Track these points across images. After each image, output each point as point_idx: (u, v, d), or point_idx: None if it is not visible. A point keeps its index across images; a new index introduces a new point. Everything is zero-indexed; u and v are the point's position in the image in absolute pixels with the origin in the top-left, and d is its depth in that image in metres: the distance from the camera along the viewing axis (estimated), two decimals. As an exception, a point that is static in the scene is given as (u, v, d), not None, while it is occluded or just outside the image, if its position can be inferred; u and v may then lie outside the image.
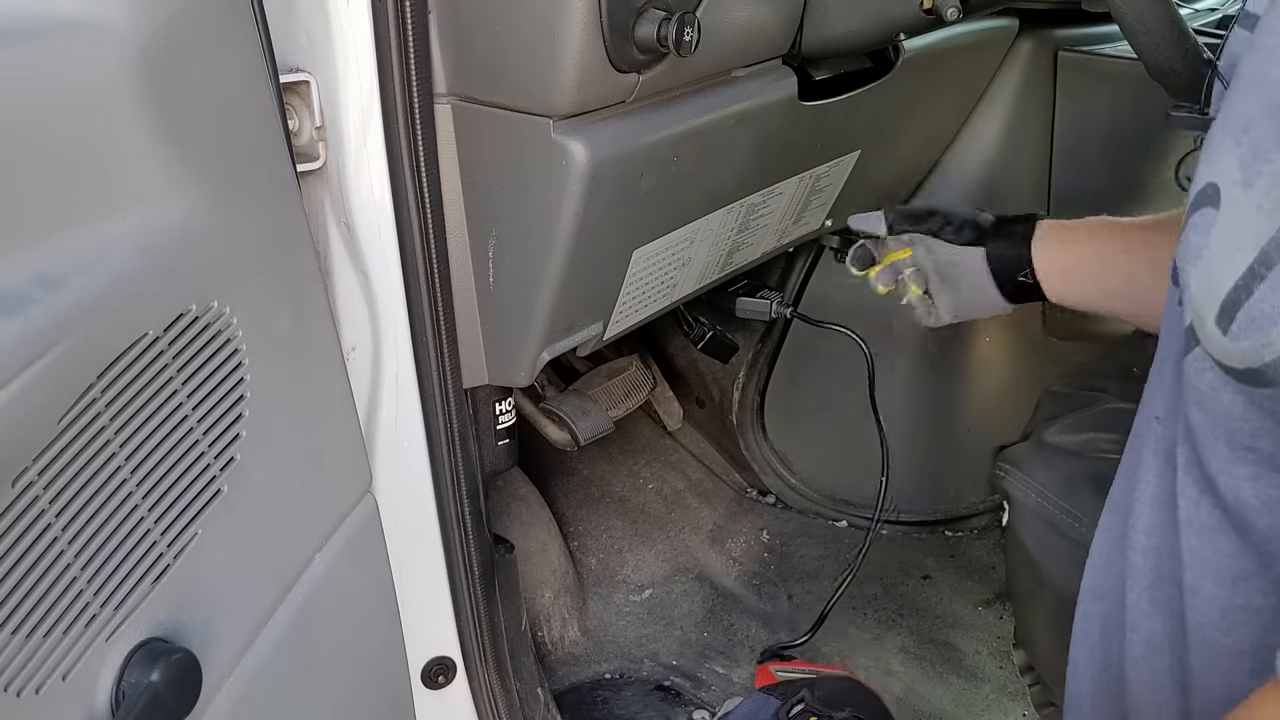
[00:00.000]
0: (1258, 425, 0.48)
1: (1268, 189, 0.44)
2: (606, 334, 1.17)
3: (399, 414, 1.02)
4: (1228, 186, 0.48)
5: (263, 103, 0.78)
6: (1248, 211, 0.45)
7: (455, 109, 0.93)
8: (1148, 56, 1.09)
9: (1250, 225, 0.44)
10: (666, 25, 0.86)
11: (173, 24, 0.67)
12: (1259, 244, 0.43)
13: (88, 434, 0.61)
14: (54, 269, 0.59)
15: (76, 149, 0.62)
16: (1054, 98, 1.54)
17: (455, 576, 1.10)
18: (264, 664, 0.83)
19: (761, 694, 0.76)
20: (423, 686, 1.13)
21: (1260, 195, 0.44)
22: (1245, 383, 0.47)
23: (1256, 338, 0.44)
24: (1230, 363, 0.47)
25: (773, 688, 0.76)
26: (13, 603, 0.58)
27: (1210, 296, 0.47)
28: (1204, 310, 0.48)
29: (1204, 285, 0.48)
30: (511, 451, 1.44)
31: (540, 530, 1.62)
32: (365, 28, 0.87)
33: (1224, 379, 0.48)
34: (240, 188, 0.76)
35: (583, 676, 1.56)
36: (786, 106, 1.13)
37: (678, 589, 1.73)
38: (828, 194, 1.39)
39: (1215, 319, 0.47)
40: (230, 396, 0.74)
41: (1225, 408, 0.49)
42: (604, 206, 0.96)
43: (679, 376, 1.92)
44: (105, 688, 0.66)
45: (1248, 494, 0.51)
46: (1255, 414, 0.48)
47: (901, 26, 1.15)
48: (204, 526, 0.73)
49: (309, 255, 0.86)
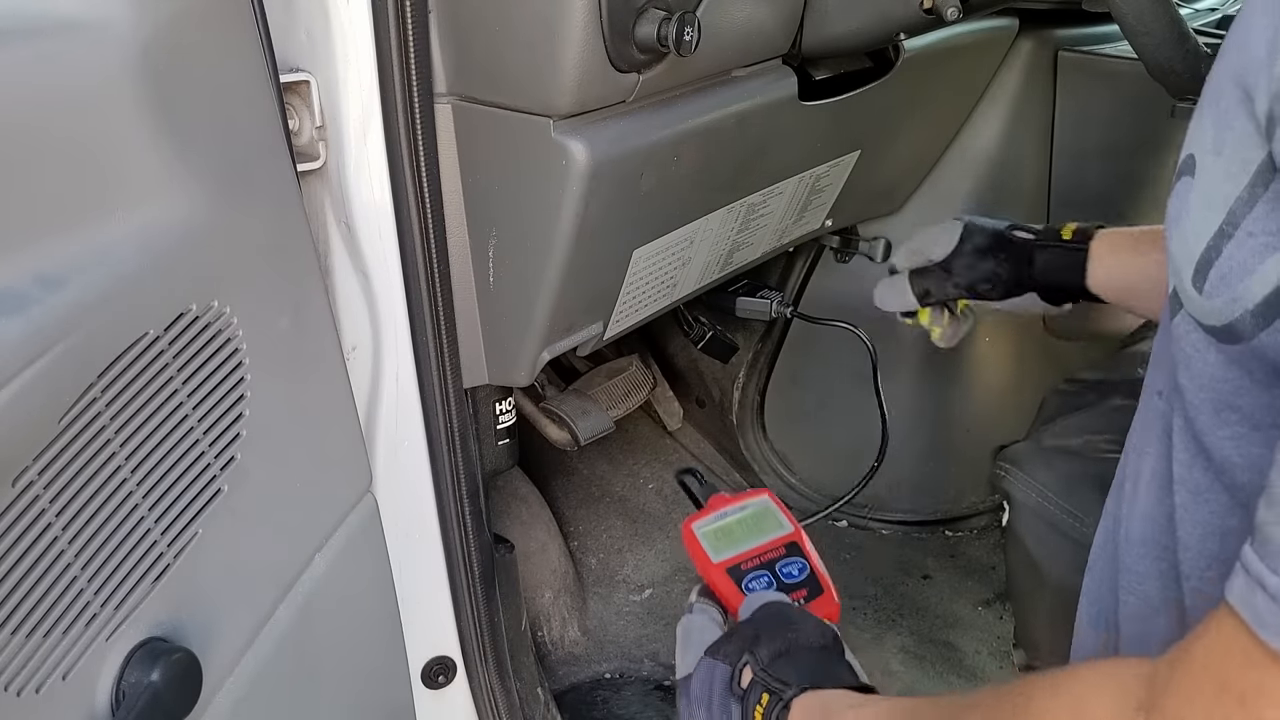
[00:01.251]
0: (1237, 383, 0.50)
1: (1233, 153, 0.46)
2: (606, 334, 1.17)
3: (399, 414, 1.01)
4: (1202, 155, 0.50)
5: (263, 102, 0.78)
6: (1217, 177, 0.47)
7: (455, 109, 0.93)
8: (1148, 56, 1.09)
9: (1220, 189, 0.46)
10: (666, 25, 0.86)
11: (173, 24, 0.68)
12: (1227, 205, 0.46)
13: (88, 433, 0.61)
14: (54, 269, 0.59)
15: (77, 149, 0.62)
16: (1054, 98, 1.54)
17: (455, 576, 1.10)
18: (264, 664, 0.83)
19: (708, 659, 0.73)
20: (423, 686, 1.13)
21: (1227, 160, 0.47)
22: (1222, 340, 0.48)
23: (1226, 294, 0.46)
24: (1208, 321, 0.49)
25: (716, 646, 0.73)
26: (13, 602, 0.58)
27: (1187, 258, 0.49)
28: (1183, 271, 0.50)
29: (1182, 248, 0.50)
30: (511, 451, 1.44)
31: (540, 530, 1.62)
32: (365, 27, 0.87)
33: (1206, 340, 0.50)
34: (240, 187, 0.76)
35: (583, 676, 1.56)
36: (786, 106, 1.13)
37: (678, 589, 1.73)
38: (828, 194, 1.39)
39: (1192, 279, 0.49)
40: (230, 396, 0.74)
41: (1209, 368, 0.51)
42: (604, 206, 0.96)
43: (679, 376, 1.92)
44: (105, 687, 0.66)
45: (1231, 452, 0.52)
46: (1235, 372, 0.50)
47: (901, 26, 1.15)
48: (204, 526, 0.73)
49: (309, 255, 0.86)
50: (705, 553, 0.86)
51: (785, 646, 0.70)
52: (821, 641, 0.71)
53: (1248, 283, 0.45)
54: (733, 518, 0.90)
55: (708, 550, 0.86)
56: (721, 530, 0.89)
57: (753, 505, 0.91)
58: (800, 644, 0.70)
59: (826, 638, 0.72)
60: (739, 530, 0.89)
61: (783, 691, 0.67)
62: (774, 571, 0.85)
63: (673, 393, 1.93)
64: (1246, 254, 0.45)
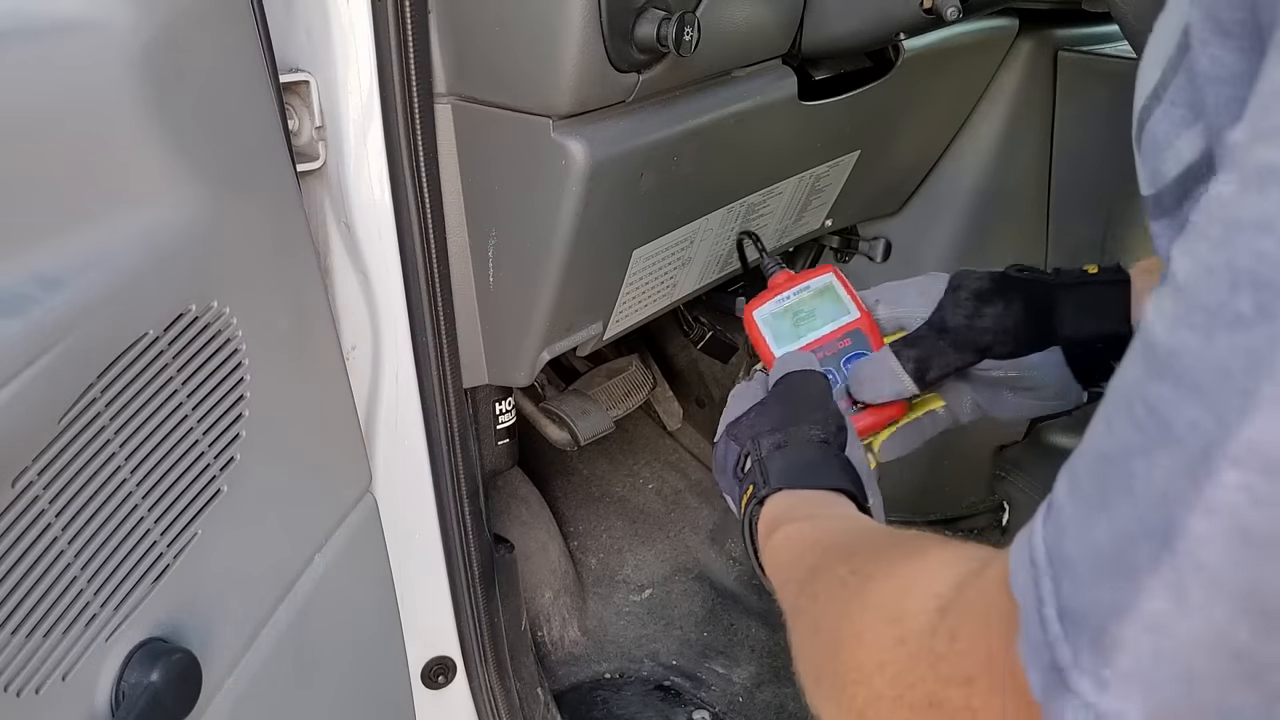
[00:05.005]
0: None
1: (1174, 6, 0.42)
2: (606, 334, 1.17)
3: (399, 414, 1.01)
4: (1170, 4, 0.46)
5: (263, 102, 0.78)
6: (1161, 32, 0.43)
7: (455, 109, 0.93)
8: (1148, 56, 1.09)
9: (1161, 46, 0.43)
10: (666, 25, 0.86)
11: (173, 24, 0.68)
12: (1160, 66, 0.42)
13: (88, 434, 0.61)
14: (54, 269, 0.59)
15: (77, 149, 0.62)
16: (1054, 98, 1.54)
17: (455, 576, 1.10)
18: (264, 664, 0.83)
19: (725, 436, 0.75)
20: (422, 686, 1.13)
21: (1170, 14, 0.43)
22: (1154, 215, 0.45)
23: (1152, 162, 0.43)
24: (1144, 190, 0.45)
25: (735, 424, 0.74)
26: (13, 603, 0.58)
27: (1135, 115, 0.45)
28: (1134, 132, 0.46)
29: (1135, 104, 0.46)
30: (511, 451, 1.44)
31: (540, 530, 1.62)
32: (365, 27, 0.87)
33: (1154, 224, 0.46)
34: (240, 187, 0.76)
35: (583, 676, 1.56)
36: (786, 106, 1.13)
37: (678, 589, 1.73)
38: (828, 194, 1.39)
39: (1135, 138, 0.45)
40: (230, 396, 0.74)
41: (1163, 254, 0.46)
42: (604, 206, 0.96)
43: (679, 376, 1.92)
44: (105, 688, 0.66)
45: None
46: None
47: (901, 26, 1.15)
48: (204, 526, 0.73)
49: (309, 255, 0.86)
50: (766, 342, 0.83)
51: (784, 439, 0.71)
52: (821, 435, 0.71)
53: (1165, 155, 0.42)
54: (794, 299, 0.85)
55: (769, 339, 0.83)
56: (785, 315, 0.85)
57: (816, 285, 0.86)
58: (798, 437, 0.70)
59: (828, 430, 0.71)
60: (802, 313, 0.85)
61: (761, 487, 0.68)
62: (839, 369, 0.81)
63: (673, 393, 1.93)
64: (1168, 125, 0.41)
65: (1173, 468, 0.29)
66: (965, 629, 0.40)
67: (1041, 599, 0.33)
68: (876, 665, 0.44)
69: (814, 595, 0.54)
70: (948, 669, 0.40)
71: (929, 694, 0.40)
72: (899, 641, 0.43)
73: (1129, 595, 0.30)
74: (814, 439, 0.70)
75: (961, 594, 0.41)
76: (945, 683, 0.40)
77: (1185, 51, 0.39)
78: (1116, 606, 0.30)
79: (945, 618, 0.41)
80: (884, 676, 0.43)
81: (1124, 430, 0.32)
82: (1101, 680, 0.30)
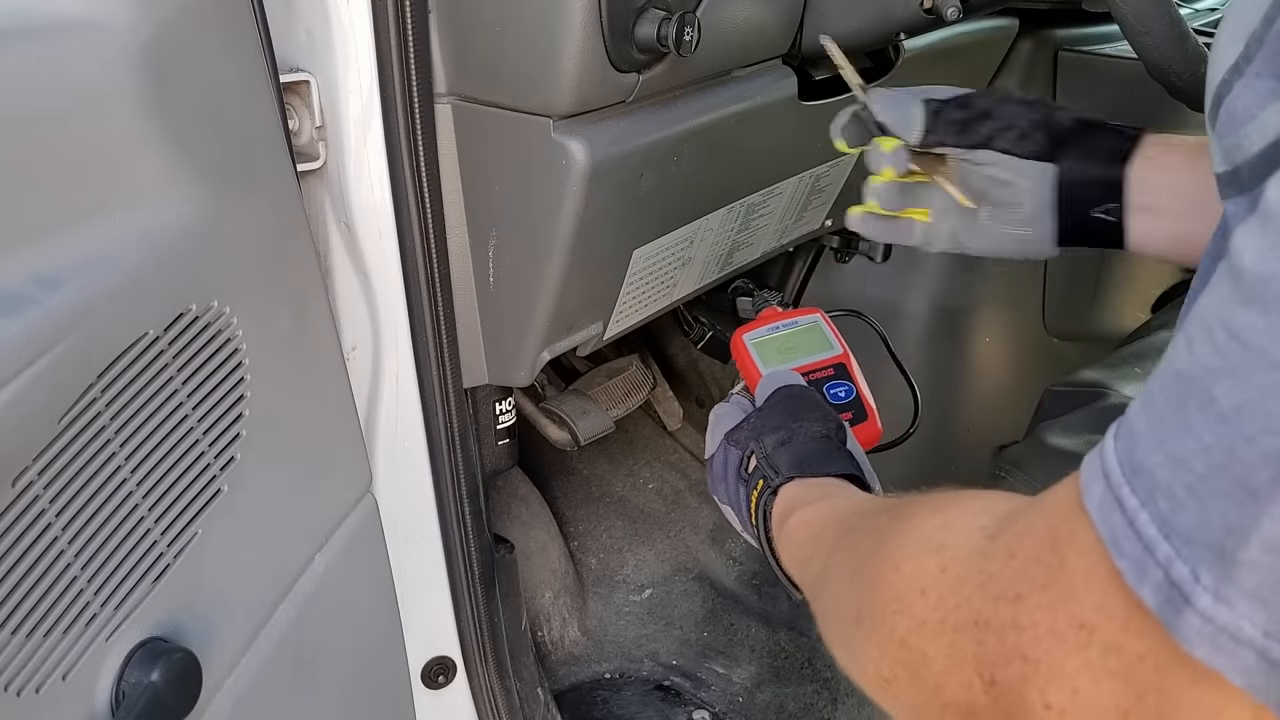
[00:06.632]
0: None
1: None
2: (606, 334, 1.17)
3: (399, 414, 1.01)
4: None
5: (263, 102, 0.78)
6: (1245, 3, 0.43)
7: (455, 109, 0.93)
8: (1148, 56, 1.09)
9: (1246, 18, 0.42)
10: (666, 25, 0.86)
11: (173, 24, 0.68)
12: (1244, 38, 0.42)
13: (88, 434, 0.61)
14: (54, 269, 0.59)
15: (76, 149, 0.62)
16: (1054, 98, 1.54)
17: (455, 576, 1.10)
18: (264, 664, 0.83)
19: (725, 443, 0.79)
20: (423, 686, 1.13)
21: None
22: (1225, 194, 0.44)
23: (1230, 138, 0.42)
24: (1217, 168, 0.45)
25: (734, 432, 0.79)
26: (13, 602, 0.58)
27: (1211, 91, 0.45)
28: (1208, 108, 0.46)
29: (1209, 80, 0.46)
30: (511, 451, 1.44)
31: (540, 530, 1.62)
32: (365, 27, 0.87)
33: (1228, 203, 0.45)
34: (240, 187, 0.76)
35: (583, 676, 1.56)
36: (786, 106, 1.13)
37: (678, 589, 1.73)
38: (828, 194, 1.39)
39: (1209, 114, 0.45)
40: (230, 396, 0.74)
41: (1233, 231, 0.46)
42: (604, 206, 0.96)
43: (679, 376, 1.92)
44: (105, 687, 0.66)
45: None
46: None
47: (902, 26, 1.15)
48: (204, 526, 0.73)
49: (309, 255, 0.86)
50: (754, 364, 0.87)
51: (788, 436, 0.75)
52: (823, 431, 0.75)
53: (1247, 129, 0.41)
54: (784, 332, 0.91)
55: (757, 361, 0.88)
56: (772, 343, 0.90)
57: (804, 322, 0.92)
58: (802, 433, 0.75)
59: (829, 427, 0.76)
60: (789, 345, 0.90)
61: (773, 479, 0.72)
62: (821, 392, 0.86)
63: (673, 393, 1.93)
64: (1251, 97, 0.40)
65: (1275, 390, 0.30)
66: (1025, 547, 0.40)
67: (1131, 515, 0.35)
68: (918, 591, 0.45)
69: (852, 546, 0.56)
70: (998, 587, 0.41)
71: (975, 613, 0.41)
72: (940, 570, 0.44)
73: (1249, 516, 0.31)
74: (817, 434, 0.75)
75: (1015, 520, 0.42)
76: (995, 601, 0.40)
77: (1270, 24, 0.39)
78: (1236, 527, 0.31)
79: (996, 540, 0.42)
80: (927, 601, 0.44)
81: (1204, 353, 0.33)
82: (1223, 596, 0.32)
